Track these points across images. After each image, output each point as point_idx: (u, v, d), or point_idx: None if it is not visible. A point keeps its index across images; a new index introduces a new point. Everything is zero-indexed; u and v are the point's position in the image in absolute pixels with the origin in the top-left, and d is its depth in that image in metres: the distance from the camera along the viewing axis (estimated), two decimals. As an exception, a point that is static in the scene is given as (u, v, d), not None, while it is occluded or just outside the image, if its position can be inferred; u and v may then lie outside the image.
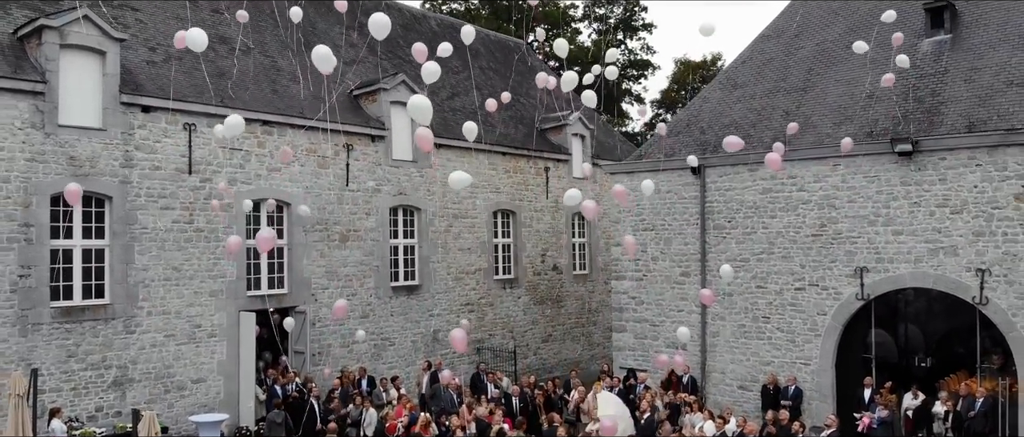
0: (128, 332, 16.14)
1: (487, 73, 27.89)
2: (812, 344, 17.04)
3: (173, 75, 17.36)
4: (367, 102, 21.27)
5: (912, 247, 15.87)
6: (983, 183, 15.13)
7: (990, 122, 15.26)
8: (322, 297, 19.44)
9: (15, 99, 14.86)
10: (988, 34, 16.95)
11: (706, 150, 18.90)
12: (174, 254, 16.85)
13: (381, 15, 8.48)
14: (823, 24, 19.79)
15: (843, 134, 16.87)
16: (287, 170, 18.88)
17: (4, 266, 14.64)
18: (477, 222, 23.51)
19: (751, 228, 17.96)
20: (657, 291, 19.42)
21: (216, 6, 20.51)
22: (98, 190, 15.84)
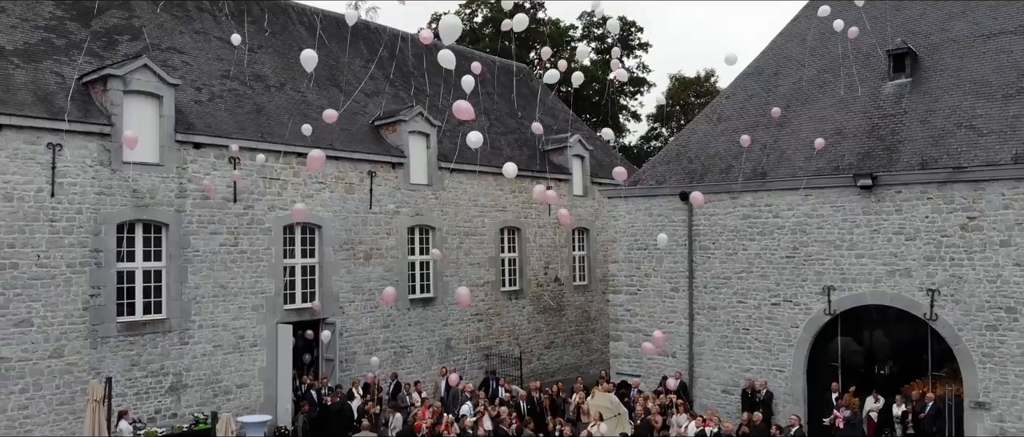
0: (182, 343, 18.32)
1: (493, 98, 30.06)
2: (786, 353, 19.24)
3: (219, 113, 19.58)
4: (388, 132, 23.41)
5: (872, 269, 18.06)
6: (933, 214, 17.31)
7: (940, 160, 17.44)
8: (349, 310, 21.62)
9: (86, 140, 17.02)
10: (944, 80, 19.13)
11: (693, 178, 21.08)
12: (221, 273, 19.03)
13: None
14: (799, 64, 21.97)
15: (817, 167, 19.13)
16: (318, 195, 21.05)
17: (78, 287, 16.80)
18: (486, 239, 25.68)
19: (732, 250, 20.15)
20: (650, 304, 21.60)
21: (252, 46, 22.67)
22: (156, 218, 18.01)
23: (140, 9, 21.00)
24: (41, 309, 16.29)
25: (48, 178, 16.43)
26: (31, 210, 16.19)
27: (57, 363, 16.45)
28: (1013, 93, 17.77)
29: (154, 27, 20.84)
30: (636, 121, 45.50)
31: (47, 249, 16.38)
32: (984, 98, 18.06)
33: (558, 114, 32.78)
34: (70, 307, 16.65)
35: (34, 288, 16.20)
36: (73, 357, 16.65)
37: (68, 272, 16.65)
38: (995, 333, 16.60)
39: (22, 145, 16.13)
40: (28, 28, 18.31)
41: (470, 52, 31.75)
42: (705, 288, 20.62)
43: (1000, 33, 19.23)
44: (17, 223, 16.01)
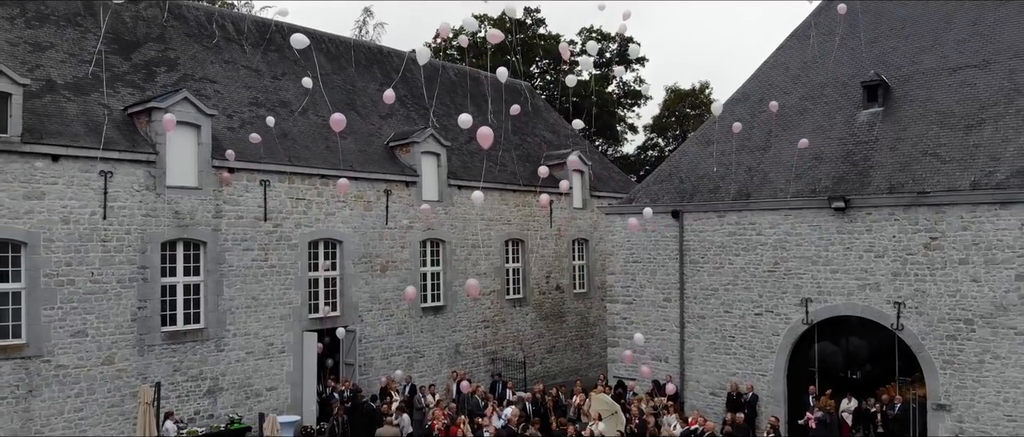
0: (218, 350, 20.15)
1: (498, 116, 31.81)
2: (768, 359, 21.06)
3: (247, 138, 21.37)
4: (402, 153, 25.21)
5: (845, 283, 19.89)
6: (900, 234, 19.13)
7: (907, 185, 19.26)
8: (367, 318, 23.45)
9: (133, 167, 18.83)
10: (912, 110, 20.94)
11: (684, 198, 22.90)
12: (253, 286, 20.85)
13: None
14: (783, 91, 23.76)
15: (796, 189, 20.96)
16: (340, 213, 22.86)
17: (127, 300, 18.62)
18: (492, 250, 27.50)
19: (720, 264, 21.97)
20: (644, 313, 23.42)
21: (276, 74, 24.49)
22: (196, 237, 19.83)
23: (175, 42, 22.81)
24: (94, 321, 18.11)
25: (100, 202, 18.24)
26: (86, 231, 18.00)
27: (108, 369, 18.28)
28: (974, 124, 19.58)
29: (188, 58, 22.65)
30: (633, 133, 47.36)
31: (100, 267, 18.20)
32: (948, 128, 19.87)
33: (559, 130, 34.59)
34: (120, 319, 18.48)
35: (89, 302, 18.02)
36: (123, 364, 18.48)
37: (118, 287, 18.47)
38: (954, 342, 18.43)
39: (78, 173, 17.95)
40: (75, 62, 20.12)
41: (477, 73, 33.50)
42: (695, 299, 22.44)
43: (965, 67, 21.04)
44: (74, 243, 17.83)
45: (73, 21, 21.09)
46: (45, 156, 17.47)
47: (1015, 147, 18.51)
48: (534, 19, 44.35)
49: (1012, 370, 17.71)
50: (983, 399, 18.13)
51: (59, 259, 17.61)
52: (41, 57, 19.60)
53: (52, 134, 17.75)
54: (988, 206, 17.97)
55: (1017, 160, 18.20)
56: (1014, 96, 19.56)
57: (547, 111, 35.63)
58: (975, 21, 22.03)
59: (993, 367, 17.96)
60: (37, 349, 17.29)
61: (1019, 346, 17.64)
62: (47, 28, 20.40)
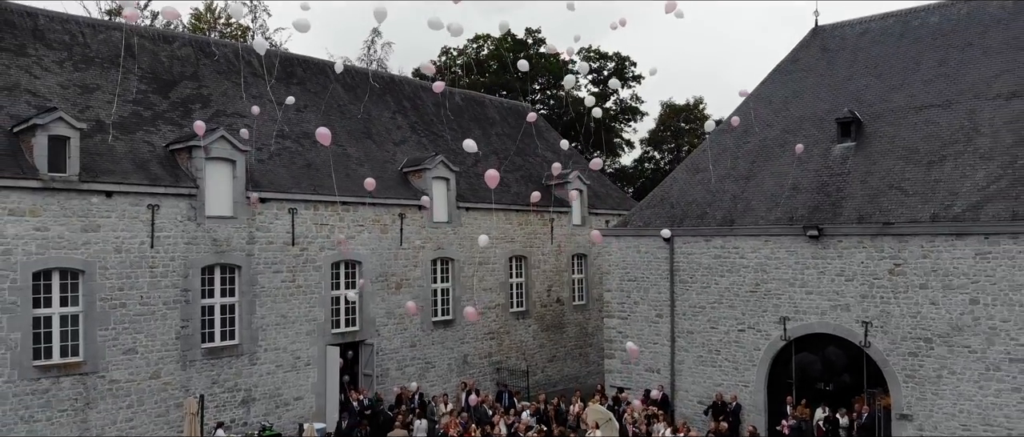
0: (251, 364, 22.22)
1: (503, 139, 33.91)
2: (750, 371, 23.16)
3: (277, 170, 23.45)
4: (414, 178, 27.25)
5: (819, 303, 21.98)
6: (867, 260, 21.21)
7: (874, 216, 21.32)
8: (383, 332, 25.52)
9: (177, 201, 20.89)
10: (882, 145, 23.00)
11: (674, 222, 24.97)
12: (282, 305, 22.91)
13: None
14: (765, 124, 25.83)
15: (775, 217, 23.02)
16: (359, 236, 24.92)
17: (171, 320, 20.69)
18: (497, 267, 29.56)
19: (706, 284, 24.05)
20: (638, 327, 25.50)
21: (299, 106, 26.53)
22: (231, 261, 21.88)
23: (207, 80, 24.85)
24: (143, 339, 20.19)
25: (148, 233, 20.31)
26: (135, 259, 20.07)
27: (155, 383, 20.35)
28: (936, 160, 21.65)
29: (219, 95, 24.70)
30: (630, 148, 49.44)
31: (148, 290, 20.27)
32: (912, 163, 21.94)
33: (559, 149, 36.53)
34: (165, 337, 20.55)
35: (138, 322, 20.10)
36: (168, 378, 20.55)
37: (164, 308, 20.54)
38: (916, 358, 20.52)
39: (129, 207, 20.01)
40: (120, 102, 22.13)
41: (482, 97, 35.53)
42: (684, 315, 24.52)
43: (930, 106, 23.11)
44: (125, 270, 19.89)
45: (115, 62, 23.08)
46: (100, 193, 19.52)
47: (971, 183, 20.57)
48: (535, 38, 46.39)
49: (966, 384, 19.80)
50: (941, 410, 20.22)
51: (112, 285, 19.67)
52: (90, 98, 21.64)
53: (105, 172, 19.80)
54: (945, 237, 20.04)
55: (972, 195, 20.27)
56: (973, 135, 21.62)
57: (548, 131, 37.64)
58: (941, 62, 24.09)
59: (950, 381, 20.05)
60: (93, 366, 19.35)
61: (973, 363, 19.73)
62: (93, 70, 22.42)
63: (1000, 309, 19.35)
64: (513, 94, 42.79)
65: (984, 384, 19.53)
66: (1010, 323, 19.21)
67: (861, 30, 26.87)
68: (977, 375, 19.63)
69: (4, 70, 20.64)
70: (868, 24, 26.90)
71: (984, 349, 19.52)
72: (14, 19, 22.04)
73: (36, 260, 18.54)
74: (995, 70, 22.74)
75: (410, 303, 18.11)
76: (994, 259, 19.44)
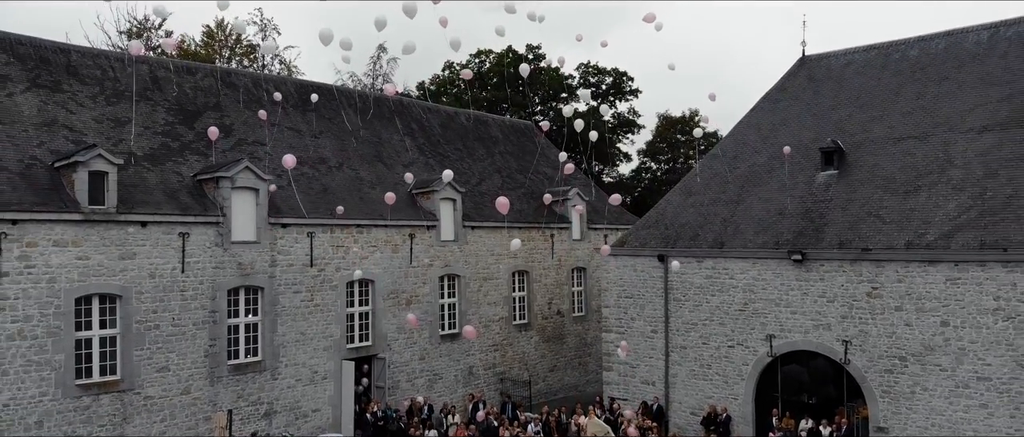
0: (273, 379, 23.80)
1: (506, 157, 35.46)
2: (739, 385, 24.77)
3: (296, 196, 24.98)
4: (423, 199, 28.80)
5: (802, 323, 23.58)
6: (847, 283, 22.80)
7: (853, 243, 22.90)
8: (394, 346, 27.10)
9: (205, 228, 22.43)
10: (862, 174, 24.57)
11: (668, 243, 26.55)
12: (301, 323, 24.48)
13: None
14: (754, 151, 27.40)
15: (762, 240, 24.60)
16: (372, 256, 26.48)
17: (200, 340, 22.25)
18: (500, 282, 31.13)
19: (698, 302, 25.65)
20: (635, 342, 27.09)
21: (314, 132, 28.06)
22: (255, 284, 23.45)
23: (229, 109, 26.37)
24: (175, 358, 21.76)
25: (179, 259, 21.86)
26: (168, 284, 21.62)
27: (186, 398, 21.92)
28: (912, 190, 23.21)
29: (240, 124, 26.22)
30: (627, 160, 51.04)
31: (179, 313, 21.83)
32: (890, 192, 23.51)
33: (560, 165, 38.10)
34: (195, 355, 22.12)
35: (170, 342, 21.66)
36: (197, 393, 22.13)
37: (194, 329, 22.11)
38: (891, 375, 22.12)
39: (162, 235, 21.56)
40: (150, 134, 23.69)
41: (485, 116, 37.05)
42: (677, 331, 26.12)
43: (908, 138, 24.67)
44: (158, 294, 21.45)
45: (144, 95, 24.63)
46: (136, 223, 21.07)
47: (944, 213, 22.15)
48: (535, 54, 47.90)
49: (937, 400, 21.41)
50: (914, 424, 21.83)
51: (147, 308, 21.23)
52: (122, 131, 23.15)
53: (140, 203, 21.34)
54: (919, 264, 21.63)
55: (944, 225, 21.84)
56: (946, 166, 23.19)
57: (548, 148, 39.14)
58: (919, 95, 25.66)
59: (922, 397, 21.66)
60: (130, 383, 20.91)
61: (944, 381, 21.33)
62: (123, 104, 23.91)
63: (969, 331, 20.94)
64: (515, 110, 44.28)
65: (954, 400, 21.14)
66: (978, 344, 20.80)
67: (845, 61, 28.43)
68: (948, 392, 21.23)
69: (43, 106, 22.16)
70: (852, 55, 28.47)
71: (954, 368, 21.12)
72: (49, 55, 23.54)
73: (78, 287, 20.09)
74: (969, 104, 24.30)
75: (410, 316, 19.45)
76: (963, 285, 21.03)
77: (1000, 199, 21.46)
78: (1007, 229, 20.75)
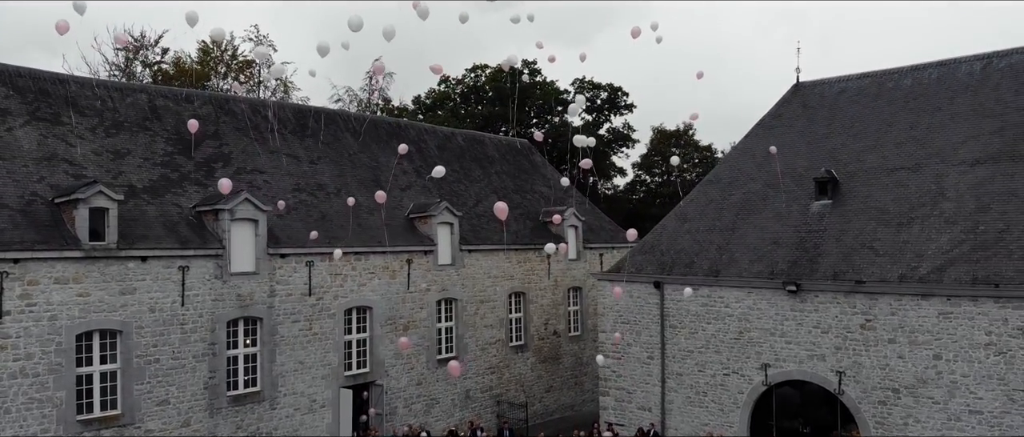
0: (272, 408, 23.95)
1: (502, 177, 35.63)
2: (734, 413, 25.02)
3: (294, 224, 25.12)
4: (421, 223, 28.95)
5: (797, 353, 23.84)
6: (841, 315, 23.06)
7: (847, 274, 23.16)
8: (392, 372, 27.28)
9: (205, 261, 22.56)
10: (856, 205, 24.82)
11: (664, 269, 26.77)
12: (299, 352, 24.64)
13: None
14: (749, 178, 27.64)
15: (757, 270, 24.83)
16: (369, 282, 26.64)
17: (200, 372, 22.38)
18: (497, 304, 31.32)
19: (694, 330, 25.89)
20: (631, 368, 27.32)
21: (312, 158, 28.18)
22: (254, 314, 23.58)
23: (228, 137, 26.47)
24: (175, 391, 21.88)
25: (179, 292, 21.98)
26: (168, 318, 21.75)
27: (186, 431, 22.06)
28: (905, 222, 23.48)
29: (239, 152, 26.32)
30: (622, 175, 51.31)
31: (179, 346, 21.96)
32: (883, 224, 23.77)
33: (555, 184, 38.31)
34: (195, 388, 22.26)
35: (170, 376, 21.79)
36: (197, 425, 22.27)
37: (193, 361, 22.24)
38: (884, 407, 22.40)
39: (162, 269, 21.68)
40: (150, 166, 23.79)
41: (482, 136, 37.21)
42: (673, 358, 26.36)
43: (901, 168, 24.92)
44: (158, 328, 21.58)
45: (143, 126, 24.73)
46: (136, 258, 21.18)
47: (936, 246, 22.42)
48: (531, 69, 48.07)
49: (930, 433, 21.65)
50: (907, 454, 22.14)
51: (147, 342, 21.35)
52: (121, 163, 23.26)
53: (140, 238, 21.45)
54: (912, 297, 21.89)
55: (937, 258, 22.11)
56: (939, 199, 23.46)
57: (544, 166, 39.34)
58: (912, 125, 25.92)
59: (915, 429, 21.93)
60: (130, 418, 21.04)
61: (936, 413, 21.60)
62: (123, 135, 24.02)
63: (961, 365, 21.22)
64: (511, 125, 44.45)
65: (946, 433, 21.41)
66: (970, 378, 21.08)
67: (839, 89, 28.69)
68: (940, 424, 21.51)
69: (42, 140, 22.24)
70: (846, 83, 28.73)
71: (946, 401, 21.40)
72: (48, 87, 23.63)
73: (79, 323, 20.21)
74: (961, 136, 24.57)
75: (403, 339, 19.64)
76: (955, 319, 21.31)
77: (992, 234, 21.73)
78: (999, 264, 21.03)
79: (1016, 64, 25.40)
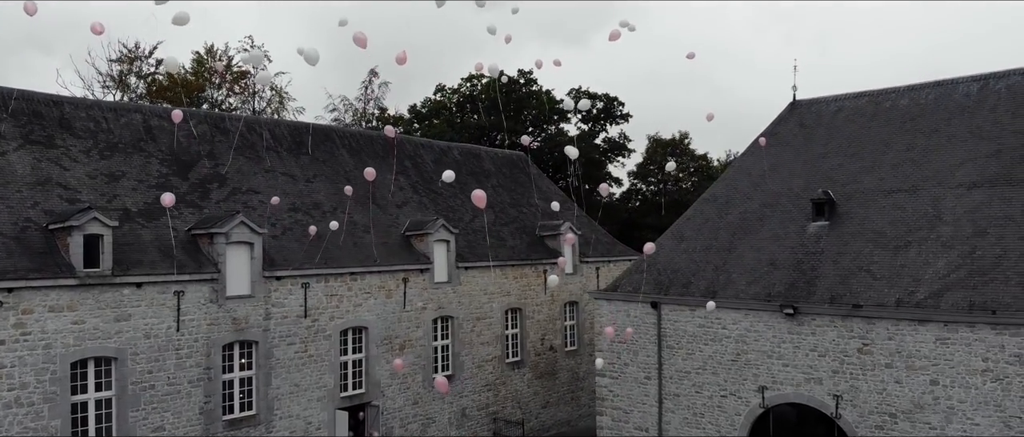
0: (268, 432, 23.85)
1: (498, 191, 35.53)
2: (732, 435, 24.99)
3: (290, 245, 25.00)
4: (417, 241, 28.87)
5: (794, 376, 23.82)
6: (838, 339, 23.04)
7: (844, 298, 23.14)
8: (388, 392, 27.19)
9: (200, 285, 22.44)
10: (853, 227, 24.80)
11: (661, 290, 26.73)
12: (295, 374, 24.54)
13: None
14: (746, 197, 27.60)
15: (754, 291, 24.81)
16: (365, 302, 26.54)
17: (195, 397, 22.27)
18: (493, 320, 31.26)
19: (691, 351, 25.86)
20: (628, 388, 27.29)
21: (308, 176, 28.06)
22: (249, 338, 23.47)
23: (223, 157, 26.32)
24: (170, 417, 21.77)
25: (175, 317, 21.86)
26: (163, 343, 21.63)
27: (181, 456, 21.96)
28: (901, 245, 23.47)
29: (234, 171, 26.19)
30: (618, 185, 51.23)
31: (174, 371, 21.84)
32: (880, 247, 23.75)
33: (552, 197, 38.23)
34: (190, 413, 22.14)
35: (165, 402, 21.67)
36: (193, 450, 22.17)
37: (189, 387, 22.12)
38: (882, 432, 22.39)
39: (157, 295, 21.56)
40: (144, 188, 23.65)
41: (478, 149, 37.11)
42: (671, 379, 26.33)
43: (897, 191, 24.91)
44: (154, 354, 21.46)
45: (138, 147, 24.57)
46: (131, 284, 21.05)
47: (933, 270, 22.41)
48: (526, 79, 47.96)
49: (926, 457, 21.72)
50: (904, 479, 22.14)
51: (142, 369, 21.23)
52: (116, 187, 23.11)
53: (135, 264, 21.31)
54: (909, 322, 21.87)
55: (934, 283, 22.10)
56: (936, 222, 23.45)
57: (540, 178, 39.27)
58: (909, 147, 25.90)
59: (911, 453, 21.97)
60: (126, 444, 20.94)
61: (932, 438, 21.64)
62: (117, 157, 23.86)
63: (958, 390, 21.22)
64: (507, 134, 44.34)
65: (942, 459, 21.45)
66: (966, 404, 21.08)
67: (836, 108, 28.67)
68: (936, 450, 21.54)
69: (36, 164, 22.08)
70: (842, 102, 28.71)
71: (943, 427, 21.40)
72: (41, 109, 23.45)
73: (74, 351, 20.08)
74: (958, 158, 24.56)
75: (397, 361, 19.42)
76: (953, 345, 21.30)
77: (989, 259, 21.73)
78: (996, 290, 21.03)
79: (1014, 86, 25.41)
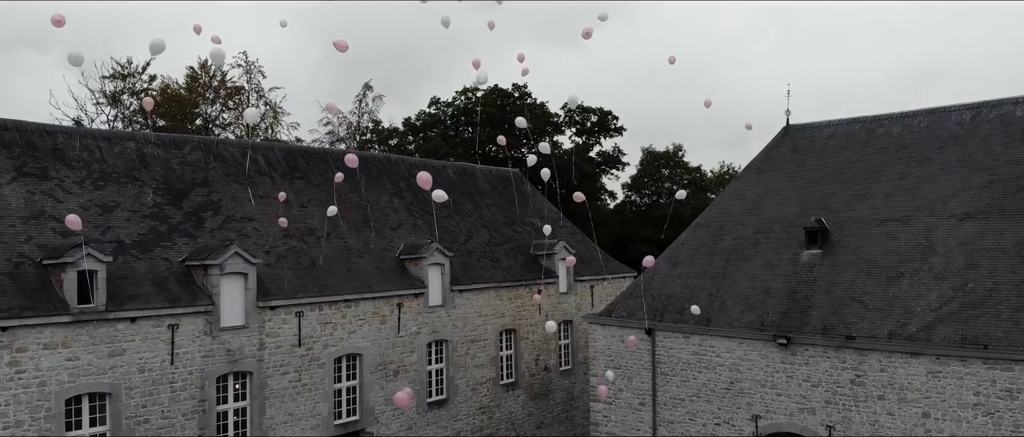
0: (263, 462, 23.89)
1: (492, 210, 35.56)
2: (724, 462, 25.13)
3: (284, 273, 25.00)
4: (411, 265, 28.88)
5: (787, 405, 23.93)
6: (831, 369, 23.15)
7: (837, 328, 23.24)
8: (382, 419, 27.23)
9: (195, 318, 22.43)
10: (845, 256, 24.89)
11: (655, 316, 26.80)
12: (289, 404, 24.55)
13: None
14: (739, 223, 27.68)
15: (748, 320, 24.89)
16: (359, 329, 26.56)
17: (190, 430, 22.27)
18: (488, 343, 31.31)
19: (685, 378, 25.94)
20: (623, 414, 27.37)
21: (302, 201, 28.05)
22: (243, 369, 23.47)
23: (217, 183, 26.30)
24: (165, 450, 21.78)
25: (169, 351, 21.86)
26: (157, 377, 21.63)
27: (176, 489, 21.97)
28: (894, 276, 23.57)
29: (229, 199, 26.16)
30: (612, 198, 51.33)
31: (168, 405, 21.84)
32: (873, 277, 23.85)
33: (546, 214, 38.27)
34: (185, 446, 22.15)
35: (160, 436, 21.66)
36: (187, 483, 22.18)
37: (183, 420, 22.13)
38: (873, 462, 22.56)
39: (151, 329, 21.55)
40: (138, 219, 23.62)
41: (472, 168, 37.13)
42: (665, 406, 26.42)
43: (890, 220, 25.00)
44: (148, 388, 21.45)
45: (132, 176, 24.52)
46: (125, 319, 21.03)
47: (925, 302, 22.52)
48: (521, 92, 47.98)
49: (918, 489, 21.86)
50: (896, 510, 22.27)
51: (136, 403, 21.22)
52: (110, 218, 23.07)
53: (129, 298, 21.30)
54: (901, 355, 21.99)
55: (926, 315, 22.22)
56: (928, 253, 23.55)
57: (535, 196, 39.27)
58: (902, 175, 25.99)
59: (903, 485, 22.10)
60: (120, 479, 20.94)
61: (924, 470, 21.78)
62: (111, 187, 23.82)
63: (949, 424, 21.35)
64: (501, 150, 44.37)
65: (934, 491, 21.58)
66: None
67: (829, 134, 28.76)
68: (928, 482, 21.67)
69: (29, 197, 22.03)
70: (836, 128, 28.80)
71: (935, 459, 21.56)
72: (34, 140, 23.39)
73: (68, 388, 20.06)
74: (951, 189, 24.65)
75: (399, 395, 19.16)
76: (944, 378, 21.42)
77: (981, 292, 21.85)
78: (987, 324, 21.15)
79: (1006, 115, 25.53)
